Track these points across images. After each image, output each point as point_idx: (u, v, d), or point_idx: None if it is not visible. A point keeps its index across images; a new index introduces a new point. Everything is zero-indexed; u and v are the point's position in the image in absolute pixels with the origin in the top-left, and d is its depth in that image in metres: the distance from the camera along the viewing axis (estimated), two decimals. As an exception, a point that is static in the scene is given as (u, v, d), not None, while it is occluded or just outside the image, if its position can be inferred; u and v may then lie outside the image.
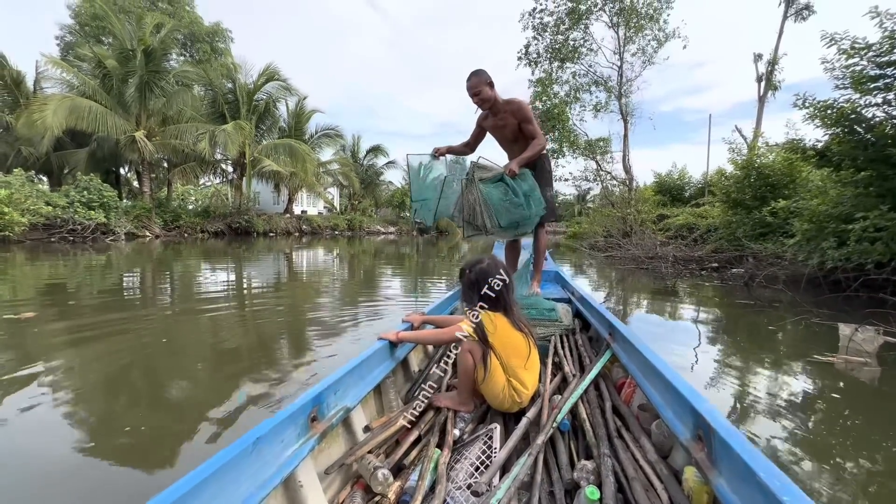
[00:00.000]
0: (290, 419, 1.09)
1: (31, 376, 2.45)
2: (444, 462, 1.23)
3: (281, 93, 21.88)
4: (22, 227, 11.08)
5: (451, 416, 1.52)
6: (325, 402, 1.26)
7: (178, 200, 24.97)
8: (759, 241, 7.87)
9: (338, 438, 1.42)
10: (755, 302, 5.09)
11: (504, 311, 1.59)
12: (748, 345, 3.54)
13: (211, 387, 2.49)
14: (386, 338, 1.74)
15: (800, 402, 2.30)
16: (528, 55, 14.70)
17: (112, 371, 2.63)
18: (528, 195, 2.57)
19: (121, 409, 2.12)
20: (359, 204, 33.00)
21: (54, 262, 8.18)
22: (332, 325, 3.82)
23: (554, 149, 14.42)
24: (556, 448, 1.35)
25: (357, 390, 1.47)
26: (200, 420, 2.00)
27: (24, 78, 18.94)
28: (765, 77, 17.01)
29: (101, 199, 14.37)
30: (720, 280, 6.86)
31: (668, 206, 16.23)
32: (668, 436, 1.30)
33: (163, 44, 17.00)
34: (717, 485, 0.92)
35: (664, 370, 1.30)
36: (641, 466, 1.18)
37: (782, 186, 8.49)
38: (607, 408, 1.52)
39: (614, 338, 1.92)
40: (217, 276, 7.35)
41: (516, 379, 1.50)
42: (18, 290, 5.48)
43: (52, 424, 1.93)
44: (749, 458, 0.82)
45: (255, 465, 0.95)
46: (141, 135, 16.15)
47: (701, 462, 0.98)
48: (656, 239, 11.54)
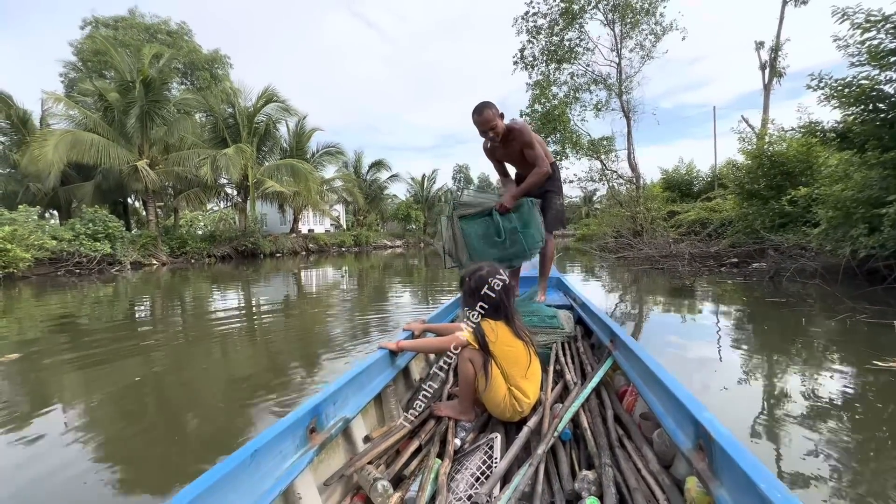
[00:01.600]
0: (288, 430, 1.07)
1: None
2: (444, 472, 1.21)
3: (280, 114, 21.98)
4: (27, 262, 11.06)
5: (452, 425, 1.50)
6: (324, 412, 1.25)
7: (186, 227, 25.13)
8: (779, 233, 7.49)
9: (337, 449, 1.39)
10: (786, 299, 4.71)
11: (505, 319, 1.57)
12: (788, 348, 3.17)
13: (216, 413, 2.27)
14: (386, 347, 1.74)
15: (867, 417, 1.96)
16: (523, 59, 14.52)
17: (104, 414, 2.39)
18: (519, 231, 2.52)
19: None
20: (364, 219, 32.98)
21: (56, 297, 8.07)
22: (341, 342, 3.71)
23: (557, 151, 14.15)
24: (557, 458, 1.33)
25: (357, 400, 1.46)
26: (201, 443, 2.00)
27: (31, 116, 19.29)
28: (768, 64, 16.62)
29: (106, 230, 14.40)
30: (743, 276, 6.47)
31: (678, 202, 15.90)
32: (669, 445, 1.27)
33: (161, 74, 17.19)
34: (718, 496, 0.90)
35: (664, 378, 1.27)
36: (643, 477, 1.16)
37: (798, 174, 8.11)
38: (609, 416, 1.49)
39: (615, 345, 1.90)
40: (224, 300, 7.15)
41: (517, 388, 1.49)
42: (10, 329, 5.32)
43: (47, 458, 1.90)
44: (749, 468, 0.80)
45: (254, 478, 0.94)
46: (143, 164, 16.25)
47: (702, 472, 0.97)
48: (669, 236, 11.16)
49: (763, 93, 17.35)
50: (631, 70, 14.32)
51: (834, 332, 3.35)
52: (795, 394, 2.22)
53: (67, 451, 1.94)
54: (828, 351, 3.03)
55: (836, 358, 2.86)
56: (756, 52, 17.08)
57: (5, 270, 10.45)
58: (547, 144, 14.10)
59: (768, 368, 2.69)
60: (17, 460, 1.89)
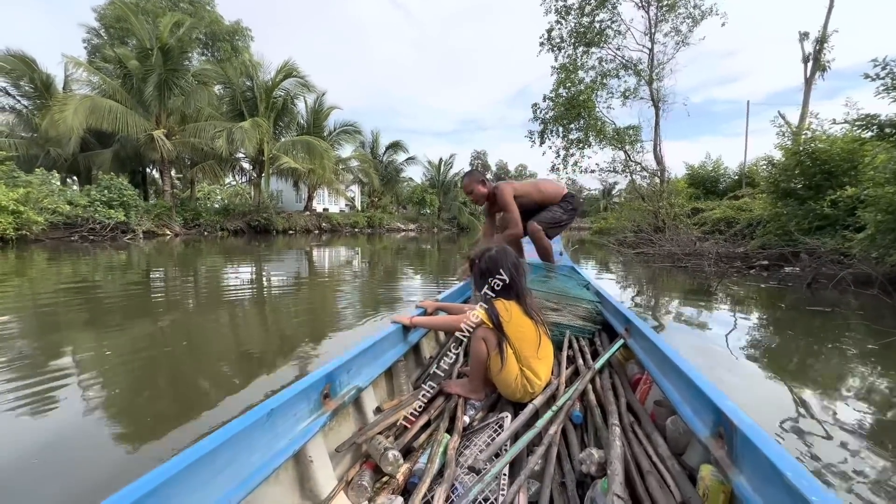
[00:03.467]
0: (303, 394, 1.09)
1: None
2: (453, 447, 1.22)
3: (299, 89, 21.64)
4: (40, 226, 11.11)
5: (462, 402, 1.51)
6: (338, 379, 1.26)
7: (204, 200, 25.21)
8: (815, 236, 6.97)
9: (348, 418, 1.42)
10: (832, 308, 4.27)
11: (517, 297, 1.58)
12: (845, 368, 2.75)
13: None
14: (399, 321, 1.75)
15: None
16: (550, 40, 13.85)
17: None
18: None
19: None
20: (378, 201, 32.73)
21: (65, 260, 8.05)
22: (350, 321, 3.68)
23: (579, 138, 13.59)
24: (567, 439, 1.33)
25: (369, 371, 1.47)
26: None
27: (54, 81, 19.34)
28: (812, 57, 15.63)
29: (121, 198, 14.45)
30: (776, 281, 6.00)
31: (702, 200, 15.29)
32: (683, 432, 1.27)
33: (180, 42, 17.00)
34: (737, 483, 0.89)
35: (683, 366, 1.26)
36: (654, 463, 1.14)
37: (841, 173, 7.53)
38: (622, 403, 1.47)
39: (630, 333, 1.89)
40: (237, 274, 7.01)
41: (529, 369, 1.49)
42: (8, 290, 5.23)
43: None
44: (775, 457, 0.78)
45: (269, 436, 0.96)
46: (159, 133, 16.19)
47: (721, 460, 0.96)
48: (692, 234, 10.64)
49: (803, 87, 16.38)
50: (664, 57, 13.58)
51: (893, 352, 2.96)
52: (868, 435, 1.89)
53: (78, 409, 1.97)
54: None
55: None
56: (799, 44, 16.09)
57: (18, 233, 10.52)
58: (569, 132, 13.48)
59: (825, 395, 2.35)
60: (30, 420, 1.88)
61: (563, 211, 3.08)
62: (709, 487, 0.97)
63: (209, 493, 0.78)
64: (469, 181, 3.01)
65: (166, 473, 0.71)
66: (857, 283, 5.08)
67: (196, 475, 0.75)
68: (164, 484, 0.70)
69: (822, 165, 7.61)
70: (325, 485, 1.13)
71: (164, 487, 0.70)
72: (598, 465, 1.13)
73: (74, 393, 2.14)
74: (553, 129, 14.01)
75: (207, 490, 0.78)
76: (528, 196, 3.05)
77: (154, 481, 0.69)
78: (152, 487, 0.68)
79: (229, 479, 0.83)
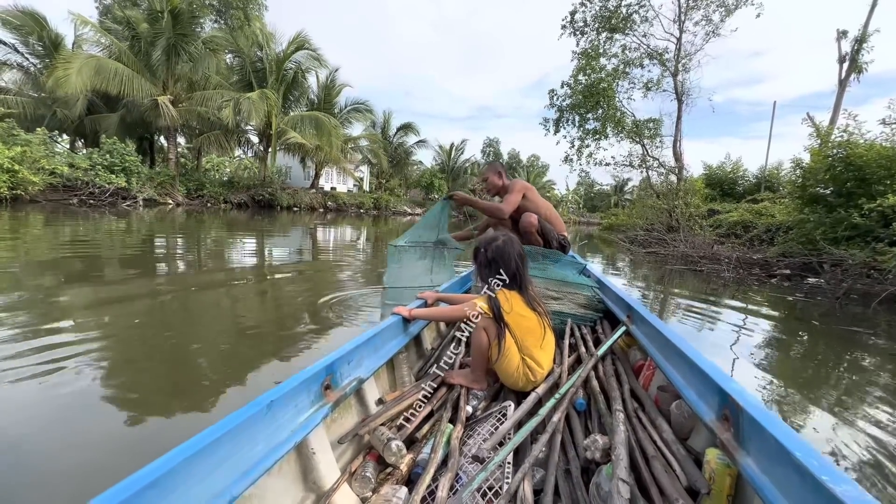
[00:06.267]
0: (303, 385, 1.07)
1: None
2: (456, 437, 1.21)
3: (311, 62, 21.08)
4: (36, 186, 10.87)
5: (464, 393, 1.50)
6: (339, 371, 1.24)
7: (213, 171, 24.87)
8: (842, 246, 6.51)
9: (350, 409, 1.41)
10: (873, 330, 3.80)
11: (519, 289, 1.58)
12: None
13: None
14: (399, 313, 1.73)
15: None
16: (573, 23, 13.18)
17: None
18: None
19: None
20: (387, 182, 32.30)
21: (54, 224, 7.80)
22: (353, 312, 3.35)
23: (596, 129, 13.02)
24: (571, 426, 1.33)
25: (370, 362, 1.45)
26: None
27: (63, 40, 18.95)
28: (849, 57, 14.80)
29: (123, 163, 14.19)
30: (802, 292, 5.56)
31: (718, 201, 14.76)
32: (688, 416, 1.28)
33: (191, 6, 16.50)
34: (744, 465, 0.87)
35: (687, 350, 1.27)
36: (659, 448, 1.13)
37: (877, 181, 7.01)
38: (625, 389, 1.46)
39: (632, 319, 1.91)
40: (238, 250, 6.72)
41: (531, 358, 1.49)
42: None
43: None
44: (783, 437, 0.78)
45: (270, 428, 0.94)
46: (164, 99, 15.82)
47: (727, 442, 0.95)
48: (707, 236, 10.17)
49: (835, 90, 15.59)
50: (691, 47, 12.88)
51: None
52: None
53: (79, 386, 1.87)
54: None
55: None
56: (836, 43, 15.22)
57: (13, 192, 10.29)
58: (586, 121, 12.95)
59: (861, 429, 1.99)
60: (33, 389, 1.81)
61: (556, 242, 3.00)
62: (715, 471, 0.95)
63: (211, 484, 0.77)
64: (488, 169, 3.16)
65: (167, 465, 0.69)
66: (889, 299, 4.66)
67: (197, 467, 0.74)
68: (165, 475, 0.68)
69: (855, 171, 7.09)
70: (328, 476, 1.12)
71: (165, 479, 0.68)
72: (602, 451, 1.12)
73: (70, 370, 2.00)
74: (569, 118, 13.46)
75: (209, 482, 0.76)
76: (536, 207, 2.98)
77: (155, 472, 0.67)
78: (153, 479, 0.66)
79: (231, 470, 0.82)
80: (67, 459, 1.39)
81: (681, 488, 0.98)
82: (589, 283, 2.44)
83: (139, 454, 1.43)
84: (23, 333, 2.40)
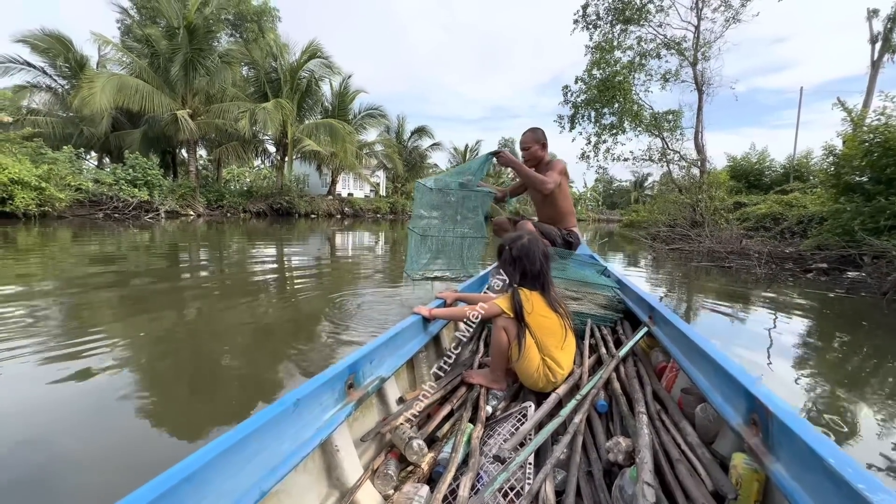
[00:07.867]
0: (328, 384, 1.09)
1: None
2: (477, 436, 1.21)
3: (324, 71, 21.33)
4: (63, 202, 11.24)
5: (484, 392, 1.50)
6: (361, 370, 1.26)
7: (233, 181, 25.39)
8: (885, 237, 6.10)
9: (372, 408, 1.43)
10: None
11: (541, 289, 1.57)
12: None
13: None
14: (419, 312, 1.74)
15: None
16: (585, 17, 12.89)
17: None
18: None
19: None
20: (402, 187, 32.38)
21: (79, 239, 8.02)
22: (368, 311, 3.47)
23: (613, 123, 12.69)
24: (593, 428, 1.31)
25: (391, 361, 1.46)
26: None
27: (88, 61, 19.67)
28: (882, 37, 14.06)
29: (145, 177, 14.58)
30: (841, 288, 5.19)
31: (744, 194, 14.18)
32: (713, 420, 1.25)
33: (207, 21, 16.88)
34: (773, 471, 0.85)
35: (712, 352, 1.23)
36: (683, 451, 1.10)
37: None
38: (647, 391, 1.43)
39: (654, 320, 1.87)
40: (260, 257, 6.77)
41: (551, 358, 1.48)
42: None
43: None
44: (815, 443, 0.75)
45: (296, 426, 0.96)
46: (183, 113, 16.22)
47: (755, 447, 0.92)
48: (734, 230, 9.75)
49: (868, 73, 14.86)
50: (711, 35, 12.42)
51: None
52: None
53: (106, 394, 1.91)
54: None
55: None
56: (867, 22, 14.51)
57: (41, 209, 10.65)
58: (602, 116, 12.63)
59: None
60: (61, 393, 1.88)
61: (560, 239, 2.94)
62: (742, 476, 0.94)
63: (242, 479, 0.79)
64: (532, 138, 2.86)
65: (201, 460, 0.71)
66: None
67: (229, 462, 0.76)
68: (200, 469, 0.70)
69: (895, 156, 6.66)
70: (351, 473, 1.13)
71: (200, 473, 0.70)
72: (625, 453, 1.12)
73: (104, 379, 2.07)
74: (584, 114, 13.16)
75: (240, 477, 0.79)
76: (565, 195, 2.93)
77: (190, 468, 0.69)
78: (188, 473, 0.68)
79: (260, 466, 0.84)
80: (105, 456, 1.47)
81: (706, 493, 0.96)
82: (609, 284, 2.41)
83: (178, 447, 1.53)
84: (65, 335, 2.56)
